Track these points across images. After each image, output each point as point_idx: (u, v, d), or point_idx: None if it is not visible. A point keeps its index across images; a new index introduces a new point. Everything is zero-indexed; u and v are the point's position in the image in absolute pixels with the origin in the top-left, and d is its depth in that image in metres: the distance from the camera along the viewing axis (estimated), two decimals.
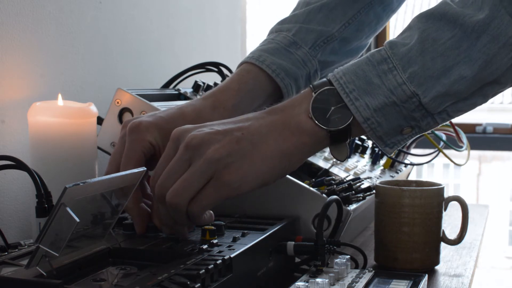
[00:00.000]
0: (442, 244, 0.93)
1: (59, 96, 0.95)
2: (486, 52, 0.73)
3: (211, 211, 0.79)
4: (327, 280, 0.69)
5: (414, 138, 1.24)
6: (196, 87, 1.17)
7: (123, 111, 0.99)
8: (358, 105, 0.75)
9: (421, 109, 0.75)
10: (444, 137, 1.21)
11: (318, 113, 0.76)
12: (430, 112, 0.75)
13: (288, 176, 0.90)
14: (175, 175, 0.75)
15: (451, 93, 0.74)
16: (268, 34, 1.02)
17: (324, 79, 0.79)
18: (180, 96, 1.15)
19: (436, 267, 0.93)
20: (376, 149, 1.23)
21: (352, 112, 0.75)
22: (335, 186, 0.93)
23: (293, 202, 0.90)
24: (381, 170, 1.22)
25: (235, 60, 1.88)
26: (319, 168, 1.04)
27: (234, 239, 0.77)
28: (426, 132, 0.80)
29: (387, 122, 0.75)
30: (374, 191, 0.95)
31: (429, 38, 0.75)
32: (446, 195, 0.93)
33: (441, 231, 0.92)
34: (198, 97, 1.01)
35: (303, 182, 0.91)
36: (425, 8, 0.83)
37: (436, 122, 0.77)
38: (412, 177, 1.63)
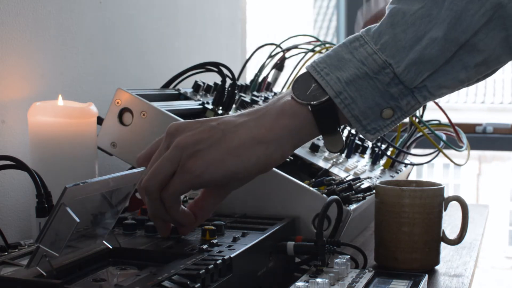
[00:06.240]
0: (442, 244, 0.93)
1: (59, 96, 0.95)
2: (453, 9, 0.72)
3: (191, 213, 0.78)
4: (327, 280, 0.69)
5: (415, 138, 1.26)
6: (196, 87, 1.17)
7: (123, 111, 0.99)
8: (328, 80, 0.74)
9: (397, 82, 0.73)
10: (444, 137, 1.21)
11: (298, 92, 0.76)
12: (407, 87, 0.73)
13: (288, 176, 0.90)
14: (155, 162, 0.76)
15: (425, 58, 0.72)
16: None
17: None
18: (180, 96, 1.15)
19: (436, 267, 0.93)
20: (376, 149, 1.23)
21: (323, 87, 0.75)
22: (335, 186, 0.93)
23: (293, 202, 0.90)
24: (381, 170, 1.22)
25: (235, 60, 1.88)
26: (319, 168, 1.04)
27: (234, 239, 0.77)
28: (425, 132, 0.78)
29: (362, 98, 0.74)
30: (374, 191, 0.95)
31: (399, 12, 0.74)
32: (446, 195, 0.93)
33: (441, 231, 0.92)
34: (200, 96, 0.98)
35: (303, 182, 0.91)
36: None
37: (418, 102, 0.75)
38: (412, 177, 1.63)
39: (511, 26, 0.72)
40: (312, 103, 0.75)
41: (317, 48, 1.35)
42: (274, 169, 0.89)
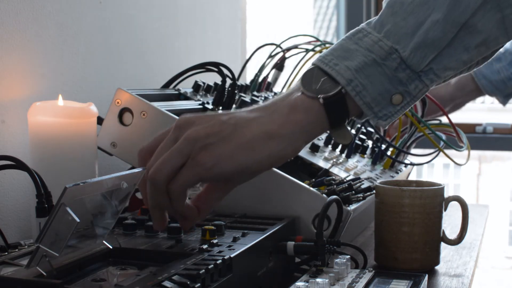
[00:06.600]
0: (442, 244, 0.93)
1: (59, 96, 0.95)
2: None
3: (194, 207, 0.78)
4: (327, 280, 0.69)
5: (415, 138, 1.26)
6: (196, 87, 1.17)
7: (123, 111, 0.99)
8: (338, 69, 0.75)
9: (404, 67, 0.75)
10: (444, 137, 1.21)
11: (307, 87, 0.77)
12: (414, 71, 0.75)
13: (288, 176, 0.90)
14: (161, 154, 0.76)
15: (428, 41, 0.74)
16: None
17: None
18: (180, 96, 1.15)
19: (436, 267, 0.93)
20: (376, 149, 1.23)
21: (334, 77, 0.75)
22: (335, 186, 0.93)
23: (293, 202, 0.90)
24: (381, 170, 1.22)
25: (235, 60, 1.88)
26: (319, 168, 1.04)
27: (234, 239, 0.77)
28: (425, 131, 0.79)
29: (372, 85, 0.75)
30: (374, 191, 0.95)
31: (397, 2, 0.76)
32: (446, 195, 0.93)
33: (441, 231, 0.92)
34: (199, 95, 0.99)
35: (303, 182, 0.91)
36: None
37: (426, 85, 0.76)
38: (412, 177, 1.63)
39: (506, 7, 0.73)
40: (323, 96, 0.76)
41: (317, 48, 1.35)
42: (273, 169, 0.89)
